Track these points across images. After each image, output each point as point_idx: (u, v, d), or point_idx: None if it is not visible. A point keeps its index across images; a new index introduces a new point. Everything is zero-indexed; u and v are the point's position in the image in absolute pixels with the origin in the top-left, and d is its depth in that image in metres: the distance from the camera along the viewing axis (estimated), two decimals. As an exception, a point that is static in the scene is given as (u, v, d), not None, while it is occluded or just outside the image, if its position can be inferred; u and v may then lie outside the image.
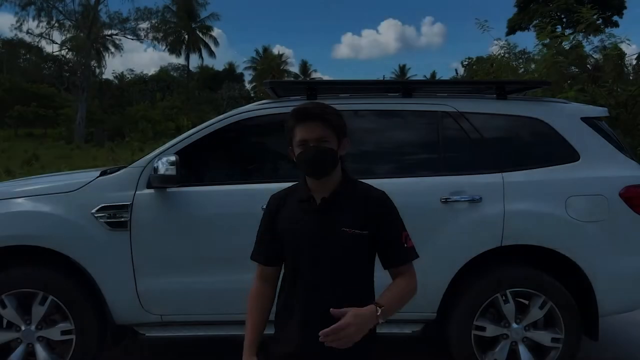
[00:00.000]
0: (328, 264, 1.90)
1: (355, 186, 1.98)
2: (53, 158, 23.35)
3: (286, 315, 1.97)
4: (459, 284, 3.51)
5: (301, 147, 1.86)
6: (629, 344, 4.40)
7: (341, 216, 1.89)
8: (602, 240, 3.47)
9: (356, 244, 1.89)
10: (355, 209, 1.91)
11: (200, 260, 3.49)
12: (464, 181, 3.54)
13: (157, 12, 41.69)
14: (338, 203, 1.91)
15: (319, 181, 1.92)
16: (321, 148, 1.85)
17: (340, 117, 1.92)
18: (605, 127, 3.83)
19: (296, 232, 1.93)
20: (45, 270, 3.51)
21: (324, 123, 1.86)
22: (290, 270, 1.97)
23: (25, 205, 3.57)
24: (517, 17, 36.91)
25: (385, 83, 4.69)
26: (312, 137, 1.84)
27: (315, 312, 1.89)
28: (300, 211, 1.94)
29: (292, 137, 1.90)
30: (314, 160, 1.86)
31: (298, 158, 1.89)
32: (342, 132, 1.92)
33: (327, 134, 1.86)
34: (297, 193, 1.99)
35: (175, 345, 4.27)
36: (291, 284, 1.96)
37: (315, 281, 1.91)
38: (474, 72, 13.65)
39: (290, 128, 1.90)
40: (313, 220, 1.91)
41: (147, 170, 3.53)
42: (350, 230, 1.88)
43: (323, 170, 1.89)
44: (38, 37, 40.39)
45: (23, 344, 3.51)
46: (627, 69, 9.07)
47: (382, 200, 1.95)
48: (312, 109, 1.87)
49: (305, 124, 1.85)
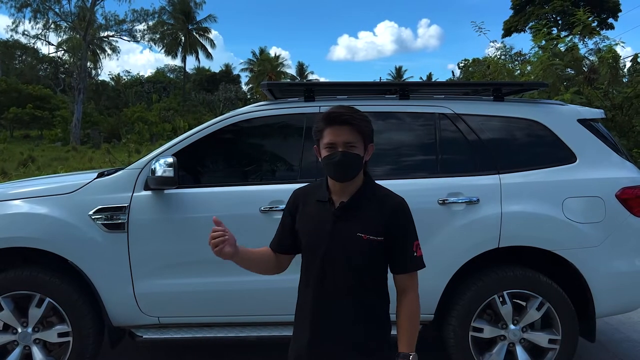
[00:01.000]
0: (341, 267, 1.91)
1: (375, 191, 1.99)
2: (49, 160, 23.27)
3: (301, 314, 2.00)
4: (457, 285, 3.52)
5: (328, 149, 1.89)
6: (626, 345, 4.42)
7: (357, 222, 1.92)
8: (599, 241, 3.48)
9: (371, 249, 1.91)
10: (373, 216, 1.93)
11: (197, 262, 3.48)
12: (461, 183, 3.55)
13: (154, 13, 41.58)
14: (355, 209, 1.93)
15: (340, 184, 1.94)
16: (348, 153, 1.88)
17: (369, 122, 1.95)
18: (601, 129, 3.85)
19: (312, 233, 1.96)
20: (42, 273, 3.49)
21: (353, 128, 1.89)
22: (304, 268, 2.00)
23: (22, 208, 3.55)
24: (513, 19, 37.06)
25: (382, 85, 4.69)
26: (340, 140, 1.88)
27: (326, 315, 1.92)
28: (318, 212, 1.97)
29: (319, 138, 1.94)
30: (340, 164, 1.89)
31: (324, 160, 1.92)
32: (370, 137, 1.96)
33: (355, 138, 1.89)
34: (319, 192, 2.01)
35: (173, 348, 4.26)
36: (305, 281, 1.99)
37: (326, 284, 1.92)
38: (470, 74, 13.70)
39: (319, 129, 1.93)
40: (329, 223, 1.93)
41: (145, 172, 3.53)
42: (365, 237, 1.90)
43: (347, 175, 1.92)
44: (34, 39, 40.29)
45: (19, 347, 3.50)
46: (622, 71, 9.11)
47: (401, 209, 1.97)
48: (343, 113, 1.90)
49: (334, 127, 1.89)
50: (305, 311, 1.97)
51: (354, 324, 1.92)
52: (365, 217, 1.92)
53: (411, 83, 4.00)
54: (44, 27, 38.99)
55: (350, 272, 1.91)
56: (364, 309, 1.93)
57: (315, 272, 1.94)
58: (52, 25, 39.24)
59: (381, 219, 1.92)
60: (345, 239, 1.91)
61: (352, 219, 1.92)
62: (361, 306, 1.93)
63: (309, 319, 1.94)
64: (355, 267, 1.91)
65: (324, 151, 1.91)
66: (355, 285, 1.92)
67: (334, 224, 1.92)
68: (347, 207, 1.93)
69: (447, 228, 3.47)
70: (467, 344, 3.49)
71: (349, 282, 1.91)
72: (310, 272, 1.96)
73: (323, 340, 1.92)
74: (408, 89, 3.84)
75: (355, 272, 1.92)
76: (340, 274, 1.91)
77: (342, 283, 1.91)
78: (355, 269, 1.91)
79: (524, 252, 3.58)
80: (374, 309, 1.96)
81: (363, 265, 1.92)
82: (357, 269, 1.92)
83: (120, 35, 42.02)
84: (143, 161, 3.62)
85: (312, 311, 1.94)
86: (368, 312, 1.94)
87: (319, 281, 1.93)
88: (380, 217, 1.93)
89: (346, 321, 1.92)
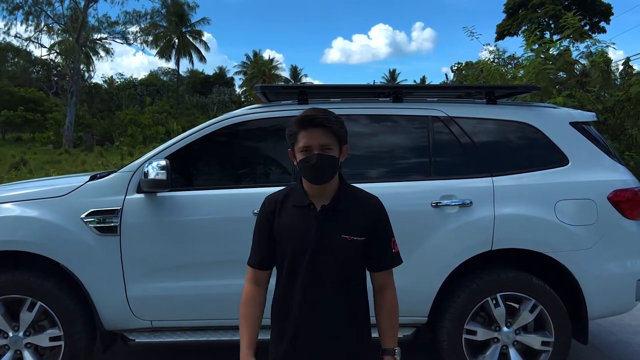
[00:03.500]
0: (328, 270, 1.91)
1: (353, 192, 2.01)
2: (41, 163, 23.15)
3: (282, 316, 1.98)
4: (450, 288, 3.52)
5: (304, 153, 1.89)
6: (618, 347, 4.44)
7: (341, 224, 1.92)
8: (591, 244, 3.50)
9: (355, 249, 1.93)
10: (354, 216, 1.94)
11: (190, 265, 3.47)
12: (454, 185, 3.56)
13: (146, 15, 41.41)
14: (338, 211, 1.94)
15: (317, 187, 1.94)
16: (324, 156, 1.87)
17: (342, 125, 1.96)
18: (593, 132, 3.87)
19: (296, 237, 1.94)
20: (34, 276, 3.47)
21: (327, 130, 1.89)
22: (288, 273, 1.96)
23: (13, 211, 3.52)
24: (505, 23, 37.32)
25: (376, 88, 4.70)
26: (316, 143, 1.87)
27: (313, 314, 1.91)
28: (298, 217, 1.95)
29: (294, 142, 1.92)
30: (316, 167, 1.88)
31: (300, 164, 1.91)
32: (344, 139, 1.96)
33: (330, 141, 1.89)
34: (294, 197, 1.99)
35: (166, 352, 4.24)
36: (289, 286, 1.96)
37: (313, 285, 1.92)
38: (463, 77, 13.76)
39: (293, 133, 1.92)
40: (314, 226, 1.92)
41: (137, 174, 3.51)
42: (350, 238, 1.91)
43: (324, 177, 1.91)
44: (26, 41, 40.06)
45: (10, 351, 3.47)
46: (614, 75, 9.17)
47: (378, 207, 2.00)
48: (317, 116, 1.89)
49: (309, 130, 1.88)
50: (290, 316, 1.94)
51: (345, 327, 1.92)
52: (348, 218, 1.93)
53: (405, 86, 4.02)
54: (36, 29, 38.81)
55: (337, 274, 1.92)
56: (353, 310, 1.95)
57: (301, 279, 1.92)
58: (45, 28, 39.05)
59: (363, 219, 1.94)
60: (330, 241, 1.91)
61: (336, 221, 1.92)
62: (350, 307, 1.94)
63: (295, 323, 1.93)
64: (343, 269, 1.92)
65: (300, 155, 1.90)
66: (344, 287, 1.93)
67: (318, 228, 1.91)
68: (329, 209, 1.93)
69: (440, 231, 3.48)
70: (461, 347, 3.49)
71: (337, 285, 1.92)
72: (296, 278, 1.93)
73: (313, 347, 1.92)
74: (401, 91, 3.84)
75: (344, 274, 1.93)
76: (328, 277, 1.91)
77: (331, 286, 1.91)
78: (343, 270, 1.92)
79: (517, 254, 3.59)
80: (362, 308, 1.98)
81: (350, 266, 1.94)
82: (345, 270, 1.93)
83: (113, 37, 41.89)
84: (136, 164, 3.61)
85: (298, 316, 1.92)
86: (357, 312, 1.95)
87: (306, 287, 1.92)
88: (361, 217, 1.94)
89: (337, 324, 1.92)
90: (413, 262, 3.43)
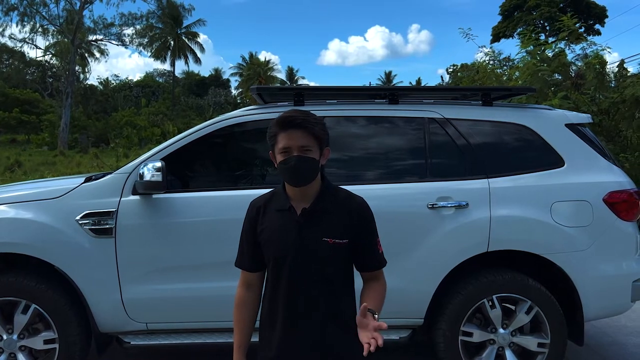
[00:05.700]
0: (310, 273, 1.90)
1: (335, 194, 1.98)
2: (36, 164, 23.05)
3: (269, 322, 1.97)
4: (446, 289, 3.52)
5: (283, 154, 1.86)
6: (614, 349, 4.44)
7: (322, 227, 1.90)
8: (587, 245, 3.51)
9: (337, 252, 1.90)
10: (336, 219, 1.92)
11: (186, 267, 3.45)
12: (450, 187, 3.56)
13: (142, 17, 41.31)
14: (318, 213, 1.91)
15: (298, 189, 1.92)
16: (303, 157, 1.85)
17: (323, 126, 1.92)
18: (589, 134, 3.88)
19: (277, 242, 1.92)
20: (28, 279, 3.45)
21: (307, 131, 1.86)
22: (272, 278, 1.96)
23: (7, 212, 3.50)
24: (501, 25, 37.49)
25: (372, 89, 4.70)
26: (295, 145, 1.85)
27: (298, 319, 1.90)
28: (280, 221, 1.94)
29: (274, 143, 1.90)
30: (295, 169, 1.85)
31: (280, 165, 1.89)
32: (325, 141, 1.93)
33: (309, 142, 1.86)
34: (276, 201, 1.98)
35: (161, 354, 4.22)
36: (274, 291, 1.95)
37: (297, 290, 1.90)
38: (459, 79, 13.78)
39: (273, 135, 1.90)
40: (294, 230, 1.90)
41: (133, 176, 3.50)
42: (331, 241, 1.89)
43: (304, 179, 1.89)
44: (21, 43, 39.91)
45: (5, 354, 3.45)
46: (609, 77, 9.19)
47: (363, 209, 1.97)
48: (296, 117, 1.86)
49: (288, 131, 1.85)
50: (275, 317, 1.94)
51: (329, 331, 1.91)
52: (329, 221, 1.91)
53: (401, 88, 4.02)
54: (31, 30, 38.68)
55: (320, 278, 1.90)
56: (339, 312, 1.93)
57: (284, 283, 1.91)
58: (40, 29, 38.93)
59: (345, 221, 1.92)
60: (311, 245, 1.89)
61: (316, 224, 1.90)
62: (335, 310, 1.92)
63: (282, 330, 1.92)
64: (325, 272, 1.90)
65: (279, 156, 1.88)
66: (327, 290, 1.91)
67: (299, 232, 1.90)
68: (309, 212, 1.91)
69: (436, 232, 3.48)
70: (457, 348, 3.49)
71: (321, 289, 1.90)
72: (280, 283, 1.92)
73: (297, 344, 1.91)
74: (397, 93, 3.85)
75: (325, 277, 1.91)
76: (311, 281, 1.90)
77: (314, 291, 1.90)
78: (325, 274, 1.90)
79: (513, 256, 3.60)
80: (348, 310, 1.95)
81: (332, 269, 1.92)
82: (327, 274, 1.91)
83: (108, 39, 41.78)
84: (131, 165, 3.59)
85: (284, 323, 1.91)
86: (343, 314, 1.93)
87: (288, 291, 1.90)
88: (344, 219, 1.92)
89: (321, 329, 1.90)
90: (409, 263, 3.43)
